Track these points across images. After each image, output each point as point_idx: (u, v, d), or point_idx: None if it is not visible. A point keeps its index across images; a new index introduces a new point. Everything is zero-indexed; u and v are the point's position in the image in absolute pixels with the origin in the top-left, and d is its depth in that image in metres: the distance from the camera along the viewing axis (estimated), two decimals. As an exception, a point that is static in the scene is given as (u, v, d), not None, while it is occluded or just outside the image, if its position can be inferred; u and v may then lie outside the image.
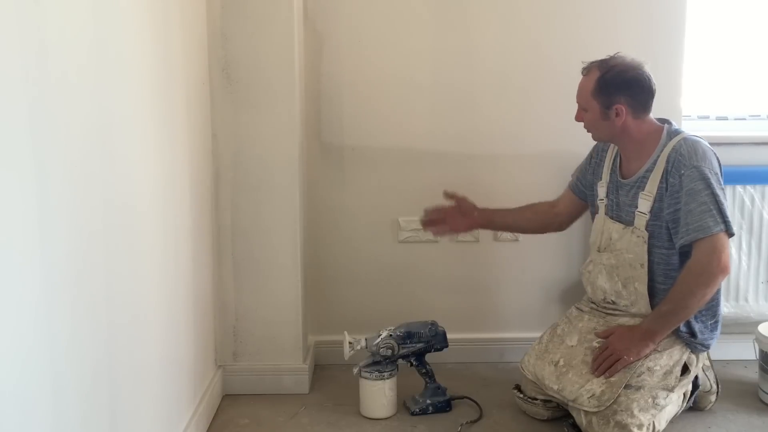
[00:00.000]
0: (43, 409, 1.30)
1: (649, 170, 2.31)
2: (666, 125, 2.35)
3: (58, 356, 1.35)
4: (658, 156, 2.29)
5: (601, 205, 2.47)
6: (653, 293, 2.31)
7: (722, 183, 2.25)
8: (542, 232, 2.69)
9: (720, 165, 2.28)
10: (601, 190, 2.48)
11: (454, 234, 2.68)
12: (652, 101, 2.32)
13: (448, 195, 2.61)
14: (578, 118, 2.38)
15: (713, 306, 2.32)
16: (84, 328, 1.47)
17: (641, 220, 2.31)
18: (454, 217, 2.61)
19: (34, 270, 1.26)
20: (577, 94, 2.36)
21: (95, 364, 1.52)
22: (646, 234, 2.29)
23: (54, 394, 1.33)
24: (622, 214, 2.38)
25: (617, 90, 2.28)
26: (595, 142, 2.55)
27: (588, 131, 2.40)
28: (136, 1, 1.77)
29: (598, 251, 2.43)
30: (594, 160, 2.54)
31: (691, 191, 2.19)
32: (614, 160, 2.46)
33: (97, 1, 1.52)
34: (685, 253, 2.25)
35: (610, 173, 2.46)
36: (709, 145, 2.29)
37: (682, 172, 2.22)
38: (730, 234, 2.20)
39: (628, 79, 2.28)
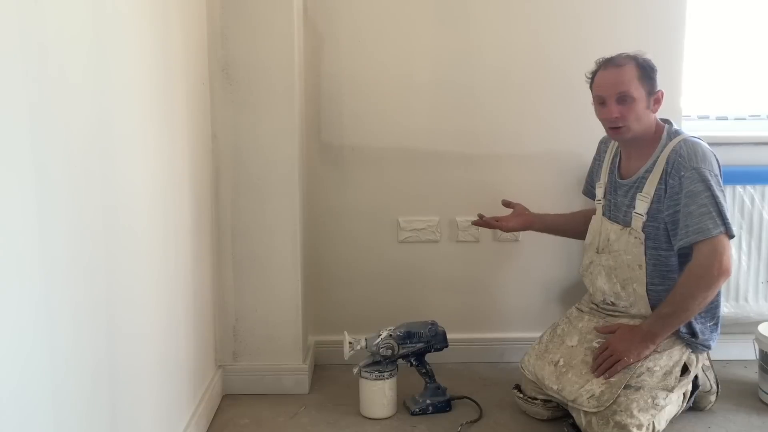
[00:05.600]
0: (43, 410, 1.30)
1: (649, 171, 2.30)
2: (666, 125, 2.34)
3: (58, 356, 1.35)
4: (658, 157, 2.29)
5: (599, 206, 2.47)
6: (650, 294, 2.31)
7: (722, 185, 2.24)
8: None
9: (720, 167, 2.27)
10: (599, 191, 2.48)
11: (505, 230, 2.65)
12: None
13: (506, 204, 2.66)
14: (619, 113, 2.25)
15: (713, 308, 2.32)
16: (84, 328, 1.47)
17: (638, 222, 2.30)
18: (507, 218, 2.63)
19: (33, 270, 1.26)
20: (618, 85, 2.24)
21: (95, 364, 1.52)
22: (642, 235, 2.29)
23: (54, 394, 1.33)
24: (619, 214, 2.38)
25: (655, 75, 2.28)
26: (596, 145, 2.55)
27: (628, 127, 2.26)
28: (136, 1, 1.77)
29: (597, 252, 2.43)
30: (597, 162, 2.54)
31: (690, 193, 2.19)
32: (613, 160, 2.46)
33: (96, 1, 1.52)
34: (684, 255, 2.25)
35: (609, 174, 2.46)
36: (709, 147, 2.28)
37: (682, 173, 2.21)
38: (731, 236, 2.19)
39: (654, 68, 2.28)
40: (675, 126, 2.35)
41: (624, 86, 2.25)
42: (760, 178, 2.79)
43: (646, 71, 2.27)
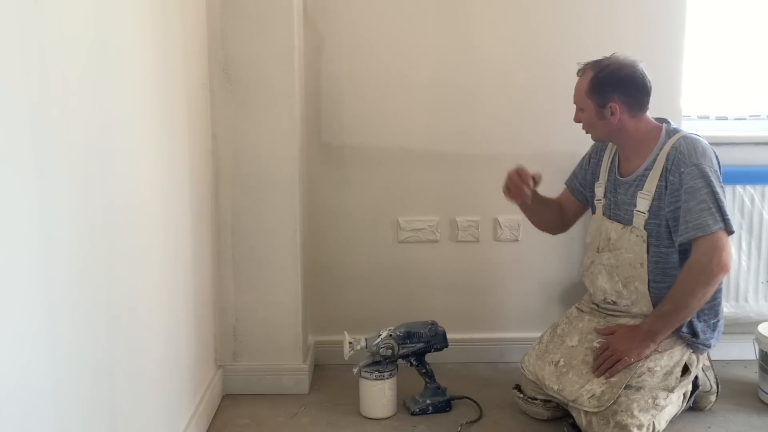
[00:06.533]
0: (44, 410, 1.30)
1: (648, 168, 2.31)
2: (665, 124, 2.35)
3: (58, 356, 1.35)
4: (658, 154, 2.29)
5: (599, 206, 2.47)
6: (652, 292, 2.31)
7: (722, 181, 2.25)
8: (553, 232, 2.62)
9: (719, 163, 2.28)
10: (599, 190, 2.48)
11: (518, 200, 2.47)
12: (648, 99, 2.32)
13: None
14: (577, 119, 2.39)
15: (715, 305, 2.32)
16: (84, 329, 1.47)
17: (640, 220, 2.31)
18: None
19: (34, 271, 1.26)
20: (574, 94, 2.37)
21: (95, 364, 1.52)
22: (644, 233, 2.29)
23: (54, 394, 1.33)
24: (620, 213, 2.38)
25: (611, 88, 2.28)
26: (593, 143, 2.55)
27: (586, 131, 2.40)
28: (136, 1, 1.77)
29: (597, 251, 2.43)
30: (593, 160, 2.54)
31: (690, 189, 2.20)
32: (613, 159, 2.46)
33: (97, 1, 1.52)
34: (684, 252, 2.25)
35: (609, 172, 2.46)
36: (708, 143, 2.29)
37: (682, 170, 2.22)
38: (730, 232, 2.20)
39: (621, 78, 2.29)
40: (674, 124, 2.36)
41: (576, 98, 2.37)
42: (760, 178, 2.79)
43: (597, 85, 2.29)
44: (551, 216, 2.60)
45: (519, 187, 2.39)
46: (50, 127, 1.31)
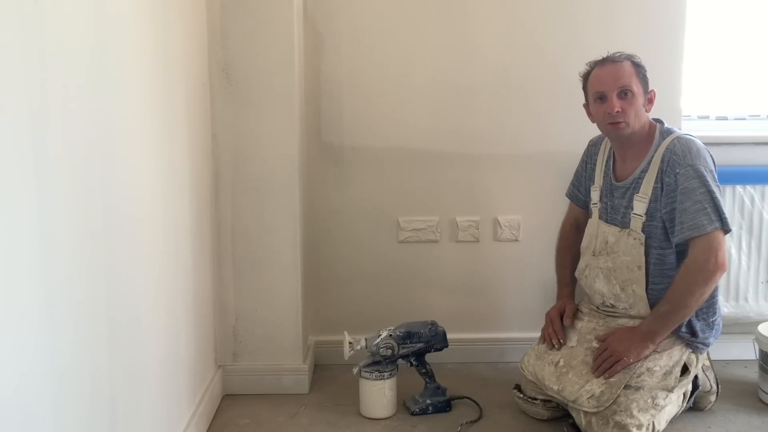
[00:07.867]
0: (44, 410, 1.30)
1: (644, 171, 2.31)
2: (659, 124, 2.35)
3: (58, 357, 1.35)
4: (653, 156, 2.29)
5: (594, 209, 2.47)
6: (650, 294, 2.31)
7: (717, 180, 2.25)
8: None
9: (714, 163, 2.28)
10: (594, 194, 2.48)
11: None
12: None
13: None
14: (620, 107, 2.25)
15: (713, 303, 2.32)
16: (84, 329, 1.47)
17: (637, 222, 2.31)
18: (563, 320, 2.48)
19: (34, 271, 1.26)
20: (619, 79, 2.26)
21: (95, 364, 1.52)
22: (642, 236, 2.29)
23: (54, 394, 1.34)
24: (617, 216, 2.38)
25: (646, 74, 2.31)
26: (586, 146, 2.55)
27: (628, 123, 2.27)
28: (136, 1, 1.77)
29: (593, 255, 2.43)
30: (589, 165, 2.53)
31: (686, 189, 2.20)
32: (607, 162, 2.46)
33: (97, 2, 1.52)
34: (681, 252, 2.25)
35: (603, 176, 2.45)
36: (702, 144, 2.29)
37: (678, 171, 2.22)
38: (727, 231, 2.20)
39: (645, 68, 2.31)
40: (667, 125, 2.36)
41: (625, 80, 2.27)
42: (760, 178, 2.79)
43: (640, 70, 2.31)
44: (576, 257, 2.56)
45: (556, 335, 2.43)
46: (50, 128, 1.31)
